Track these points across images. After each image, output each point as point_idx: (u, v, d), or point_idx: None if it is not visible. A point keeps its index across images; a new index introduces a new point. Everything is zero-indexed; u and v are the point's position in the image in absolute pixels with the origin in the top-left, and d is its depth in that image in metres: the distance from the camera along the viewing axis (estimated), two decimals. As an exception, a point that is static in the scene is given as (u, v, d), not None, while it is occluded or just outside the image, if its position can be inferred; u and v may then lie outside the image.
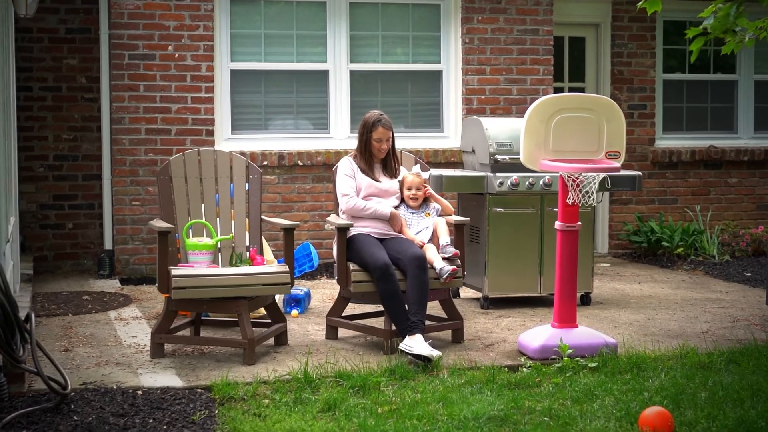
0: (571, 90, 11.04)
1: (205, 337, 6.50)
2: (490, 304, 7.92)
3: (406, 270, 6.35)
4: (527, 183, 7.79)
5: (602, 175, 6.23)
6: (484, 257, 7.82)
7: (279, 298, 7.55)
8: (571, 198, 6.27)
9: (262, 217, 6.76)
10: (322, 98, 9.70)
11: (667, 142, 11.07)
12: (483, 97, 9.92)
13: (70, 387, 5.28)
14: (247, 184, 6.77)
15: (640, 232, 10.62)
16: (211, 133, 9.32)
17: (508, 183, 7.76)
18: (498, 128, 7.97)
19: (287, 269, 6.30)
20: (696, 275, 9.64)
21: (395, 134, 7.01)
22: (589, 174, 6.20)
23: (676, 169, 10.98)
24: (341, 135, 9.68)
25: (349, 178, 6.74)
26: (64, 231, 9.75)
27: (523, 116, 9.32)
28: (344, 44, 9.65)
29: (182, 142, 9.22)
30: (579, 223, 6.40)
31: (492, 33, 9.89)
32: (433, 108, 10.01)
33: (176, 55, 9.19)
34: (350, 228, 6.59)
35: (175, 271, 6.13)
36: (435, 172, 7.75)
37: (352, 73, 9.73)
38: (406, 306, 6.30)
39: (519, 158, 7.43)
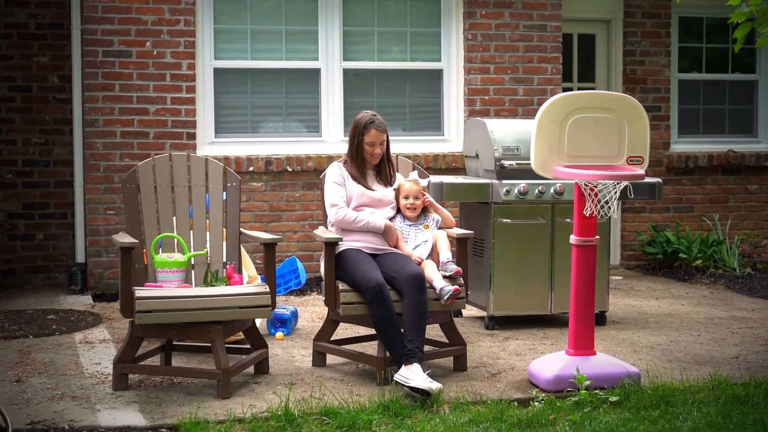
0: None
1: (175, 368, 5.77)
2: (496, 324, 7.19)
3: (402, 290, 5.63)
4: (537, 191, 7.08)
5: (624, 183, 5.51)
6: (488, 272, 7.10)
7: (262, 320, 6.83)
8: (589, 209, 5.55)
9: (241, 230, 6.04)
10: (313, 99, 9.00)
11: (682, 146, 10.35)
12: (487, 97, 9.21)
13: (11, 429, 4.56)
14: (224, 193, 6.06)
15: (655, 242, 9.90)
16: (192, 136, 8.61)
17: (516, 191, 7.04)
18: (504, 131, 7.26)
19: (268, 290, 5.57)
20: (717, 290, 8.92)
21: (391, 137, 6.31)
22: (610, 182, 5.48)
23: (692, 175, 10.26)
24: (333, 138, 8.97)
25: (338, 186, 6.02)
26: (34, 242, 9.03)
27: (531, 118, 8.65)
28: (337, 41, 8.96)
29: (161, 146, 8.52)
30: (597, 237, 5.68)
31: (496, 29, 9.19)
32: (432, 109, 9.31)
33: (155, 52, 8.49)
34: (339, 243, 5.86)
35: (140, 292, 5.41)
36: (435, 179, 7.04)
37: (346, 72, 9.04)
38: (402, 331, 5.59)
39: (527, 164, 6.77)
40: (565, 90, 9.62)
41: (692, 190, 10.29)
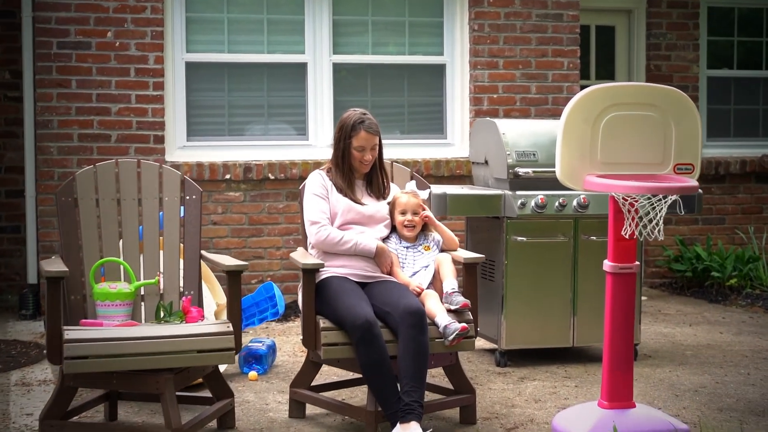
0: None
1: (116, 424, 4.70)
2: (509, 359, 6.13)
3: (398, 329, 4.58)
4: (557, 203, 6.02)
5: (673, 197, 4.44)
6: (500, 299, 6.04)
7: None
8: (628, 229, 4.48)
9: (202, 253, 4.98)
10: (298, 97, 7.95)
11: (712, 150, 9.28)
12: (495, 96, 8.16)
13: None
14: (182, 208, 5.00)
15: (683, 258, 8.84)
16: (160, 139, 7.56)
17: (533, 204, 5.98)
18: (518, 132, 6.20)
19: (231, 329, 4.51)
20: (756, 313, 7.86)
21: (386, 141, 5.31)
22: (656, 196, 4.42)
23: (722, 182, 9.19)
24: (322, 142, 7.91)
25: (320, 199, 4.97)
26: (-18, 260, 7.99)
27: (545, 118, 7.61)
28: (326, 32, 7.92)
29: (124, 150, 7.47)
30: (636, 263, 4.62)
31: (506, 18, 8.15)
32: (434, 109, 8.26)
33: (117, 44, 7.44)
34: (321, 269, 4.80)
35: (70, 333, 4.34)
36: (436, 189, 5.99)
37: (336, 66, 7.99)
38: (398, 379, 4.53)
39: (546, 171, 5.77)
40: (582, 88, 8.58)
41: (723, 199, 9.23)
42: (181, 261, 4.97)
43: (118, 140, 7.48)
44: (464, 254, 5.01)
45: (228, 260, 4.75)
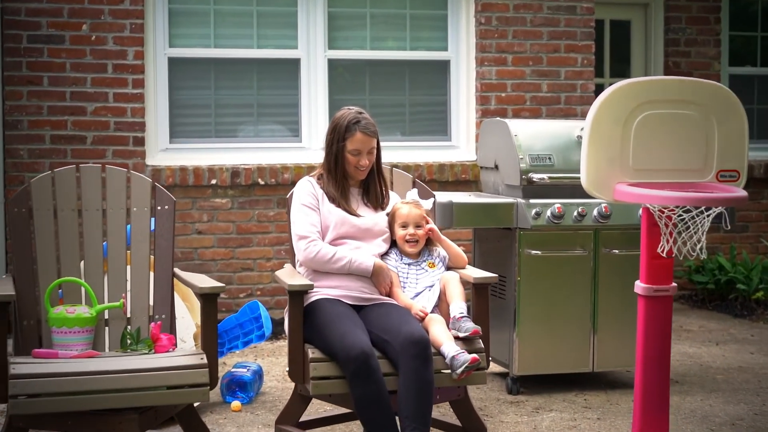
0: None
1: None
2: (522, 386, 5.52)
3: (398, 360, 3.97)
4: (575, 213, 5.41)
5: (718, 209, 3.83)
6: (512, 319, 5.44)
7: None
8: (665, 245, 3.87)
9: (175, 271, 4.37)
10: (291, 96, 7.35)
11: (734, 153, 8.64)
12: (503, 94, 7.55)
13: None
14: (152, 220, 4.40)
15: (705, 269, 8.23)
16: (140, 141, 6.95)
17: (548, 213, 5.38)
18: (531, 134, 5.60)
19: (205, 361, 3.90)
20: (787, 330, 7.28)
21: (385, 143, 4.75)
22: (698, 208, 3.81)
23: (745, 187, 8.51)
24: (316, 145, 7.30)
25: (309, 210, 4.36)
26: (-52, 272, 7.37)
27: (556, 119, 7.02)
28: (321, 25, 7.32)
29: (101, 153, 6.87)
30: (674, 284, 4.01)
31: (515, 11, 7.55)
32: (437, 109, 7.66)
33: (93, 37, 6.84)
34: (310, 291, 4.19)
35: (18, 366, 3.74)
36: (441, 197, 5.38)
37: (332, 63, 7.39)
38: (398, 418, 3.92)
39: (562, 177, 5.22)
40: (596, 87, 7.98)
41: (746, 205, 8.60)
42: (152, 280, 4.36)
43: (94, 142, 6.88)
44: (474, 273, 4.39)
45: (203, 281, 4.13)
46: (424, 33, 7.63)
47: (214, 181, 7.01)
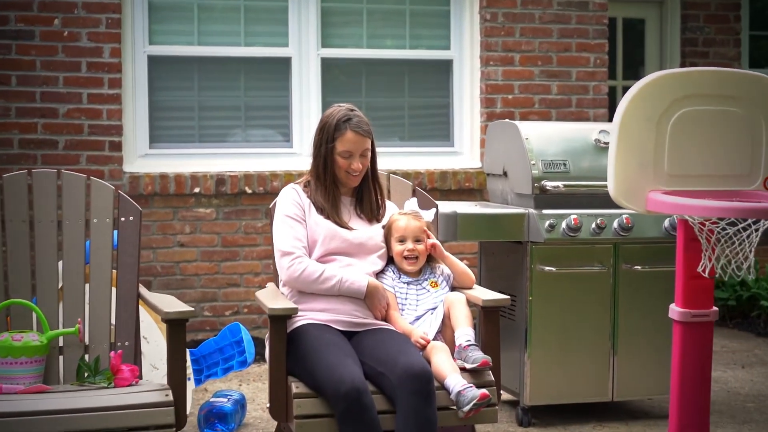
0: (626, 92, 8.18)
1: None
2: (533, 417, 4.97)
3: (396, 396, 3.43)
4: (594, 225, 4.87)
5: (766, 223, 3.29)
6: (522, 343, 4.89)
7: (190, 408, 4.65)
8: (707, 263, 3.32)
9: (141, 292, 3.82)
10: (281, 98, 6.84)
11: (755, 160, 8.12)
12: (510, 96, 7.03)
13: None
14: (115, 233, 3.85)
15: (725, 285, 7.68)
16: (117, 146, 6.42)
17: (564, 225, 4.83)
18: (544, 137, 5.06)
19: (170, 398, 3.35)
20: (817, 351, 6.74)
21: (385, 149, 4.26)
22: (745, 220, 3.27)
23: (767, 197, 8.03)
24: (308, 150, 6.68)
25: (294, 222, 3.82)
26: None
27: (571, 122, 6.54)
28: (314, 21, 6.82)
29: (74, 159, 6.34)
30: (714, 308, 3.47)
31: (523, 6, 7.04)
32: (439, 112, 7.14)
33: (65, 33, 6.32)
34: (294, 316, 3.65)
35: (-52, 406, 3.20)
36: (444, 207, 4.84)
37: (325, 62, 6.87)
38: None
39: (578, 185, 4.69)
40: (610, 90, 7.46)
41: (768, 216, 8.07)
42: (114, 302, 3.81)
43: (66, 147, 6.35)
44: (483, 294, 3.84)
45: (169, 304, 3.58)
46: (424, 30, 7.12)
47: (197, 190, 6.49)
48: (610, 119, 4.77)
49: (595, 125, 5.24)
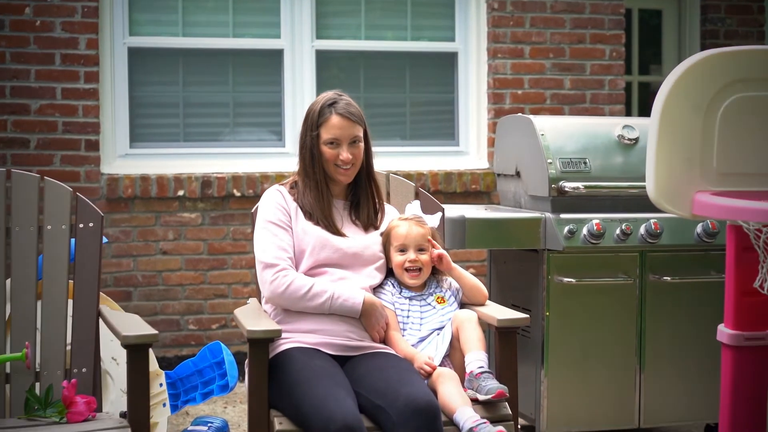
0: (642, 88, 7.72)
1: None
2: (550, 445, 4.47)
3: (396, 434, 2.92)
4: (618, 231, 4.36)
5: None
6: (538, 363, 4.39)
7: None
8: (765, 278, 2.81)
9: (102, 311, 3.30)
10: (273, 93, 6.36)
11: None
12: (520, 92, 6.53)
13: None
14: (72, 242, 3.34)
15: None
16: (94, 145, 5.93)
17: (585, 231, 4.32)
18: (562, 132, 4.56)
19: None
20: None
21: (386, 149, 3.83)
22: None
23: (793, 199, 7.54)
24: (301, 149, 6.25)
25: (278, 229, 3.31)
26: None
27: (591, 116, 6.09)
28: (308, 10, 6.35)
29: (48, 159, 5.85)
30: (771, 330, 2.96)
31: (533, -5, 6.56)
32: (443, 109, 6.66)
33: (38, 23, 5.84)
34: (277, 339, 3.13)
35: None
36: (452, 211, 4.33)
37: (320, 54, 6.40)
38: None
39: (601, 186, 4.19)
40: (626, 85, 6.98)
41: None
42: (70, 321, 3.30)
43: (38, 146, 5.85)
44: (497, 312, 3.33)
45: (131, 326, 3.06)
46: (427, 20, 6.64)
47: (181, 193, 5.99)
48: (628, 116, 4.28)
49: (617, 119, 4.73)
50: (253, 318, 3.22)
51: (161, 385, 4.05)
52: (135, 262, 5.97)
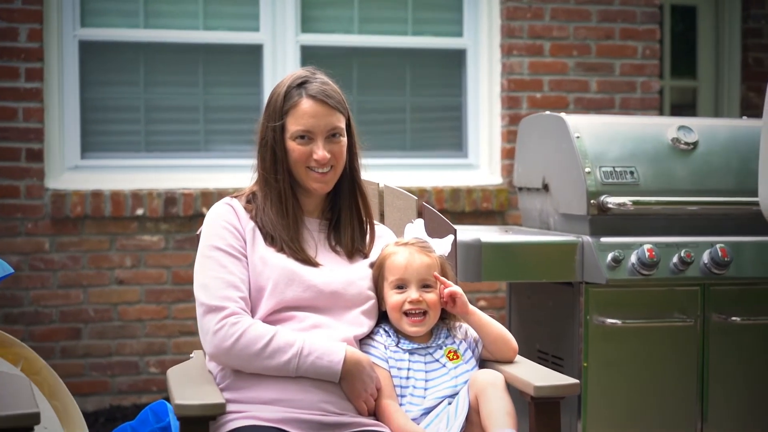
0: (675, 93, 6.93)
1: None
2: None
3: None
4: (676, 258, 3.50)
5: None
6: (574, 424, 3.51)
7: None
8: None
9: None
10: (249, 95, 5.66)
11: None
12: (539, 95, 5.77)
13: None
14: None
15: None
16: (38, 156, 5.15)
17: (633, 259, 3.46)
18: (602, 135, 3.71)
19: None
20: None
21: (380, 161, 3.03)
22: None
23: None
24: (283, 161, 5.45)
25: (228, 258, 2.42)
26: None
27: (638, 116, 5.32)
28: (291, 0, 5.61)
29: (-19, 172, 5.05)
30: None
31: (554, -18, 5.84)
32: (450, 115, 5.97)
33: (-30, 11, 5.06)
34: (221, 416, 2.21)
35: None
36: (463, 234, 3.45)
37: (306, 51, 5.71)
38: None
39: (653, 202, 3.34)
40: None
41: None
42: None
43: (-30, 157, 5.04)
44: (533, 375, 2.41)
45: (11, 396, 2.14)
46: (431, 12, 5.96)
47: (140, 212, 5.19)
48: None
49: (671, 120, 3.89)
50: (189, 383, 2.30)
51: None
52: (85, 293, 5.18)
